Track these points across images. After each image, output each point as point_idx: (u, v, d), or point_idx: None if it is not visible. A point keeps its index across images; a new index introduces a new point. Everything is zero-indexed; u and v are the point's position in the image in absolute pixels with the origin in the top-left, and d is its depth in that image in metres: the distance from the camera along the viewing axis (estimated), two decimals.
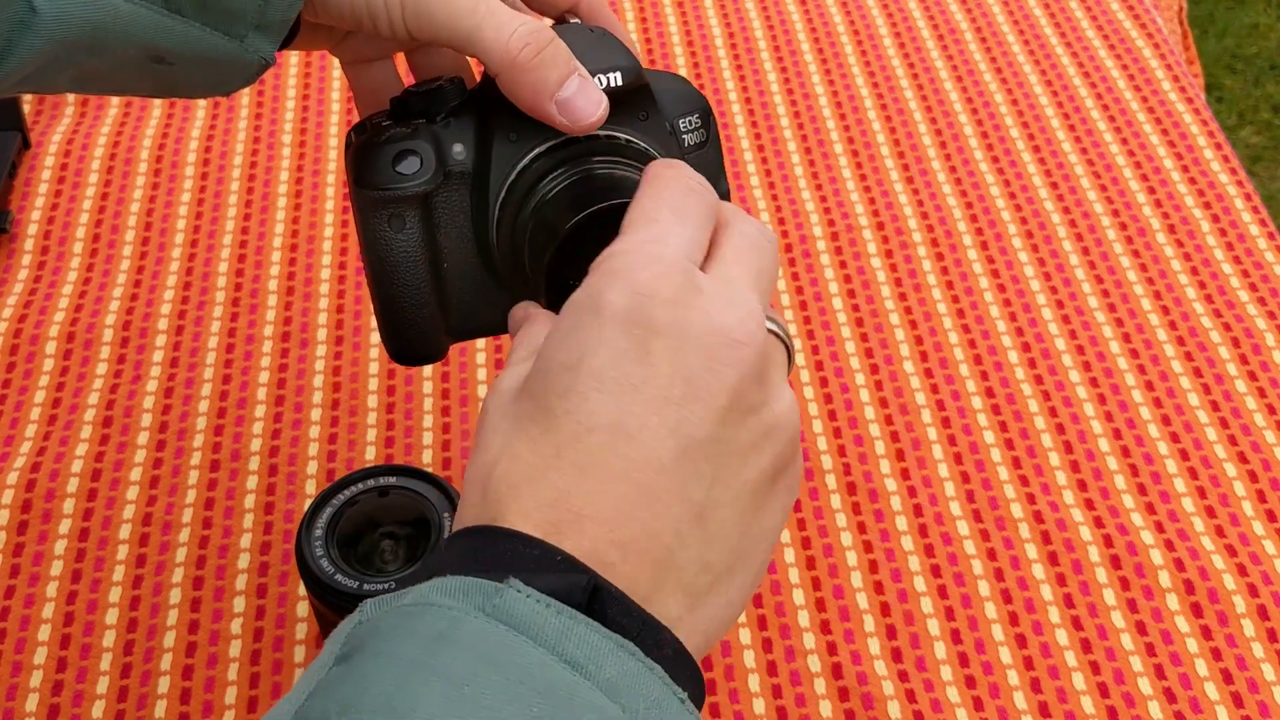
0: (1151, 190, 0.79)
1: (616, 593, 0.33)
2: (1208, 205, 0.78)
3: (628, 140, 0.44)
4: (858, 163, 0.80)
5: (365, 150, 0.44)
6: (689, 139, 0.46)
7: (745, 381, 0.35)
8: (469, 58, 0.47)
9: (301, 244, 0.75)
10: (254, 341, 0.70)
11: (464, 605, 0.31)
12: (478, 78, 0.47)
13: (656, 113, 0.45)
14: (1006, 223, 0.77)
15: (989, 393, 0.69)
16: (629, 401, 0.34)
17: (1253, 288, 0.73)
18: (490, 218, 0.44)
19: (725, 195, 0.47)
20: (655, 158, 0.44)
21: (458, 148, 0.44)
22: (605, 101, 0.42)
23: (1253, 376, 0.69)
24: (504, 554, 0.33)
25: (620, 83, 0.43)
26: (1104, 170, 0.80)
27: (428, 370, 0.69)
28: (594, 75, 0.43)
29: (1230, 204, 0.78)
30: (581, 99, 0.41)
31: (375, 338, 0.70)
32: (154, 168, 0.79)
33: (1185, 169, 0.80)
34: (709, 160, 0.47)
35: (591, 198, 0.41)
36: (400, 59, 0.50)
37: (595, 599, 0.32)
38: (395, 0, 0.41)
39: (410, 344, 0.47)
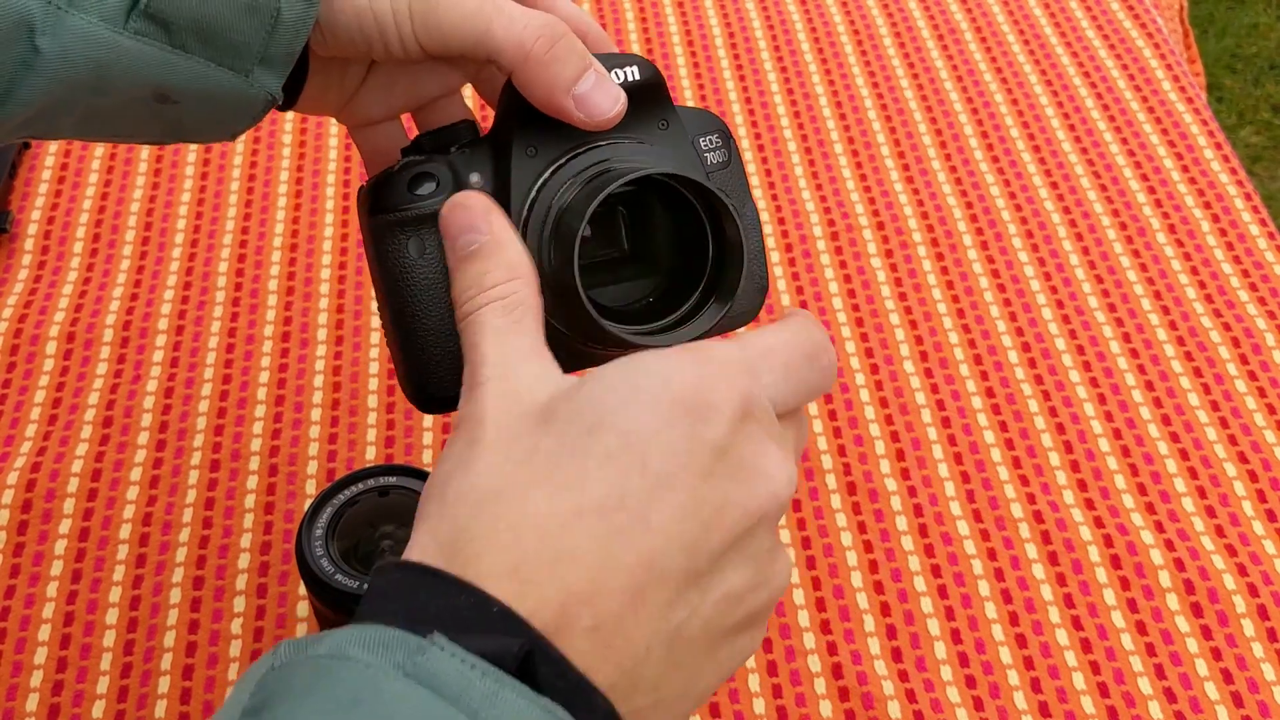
0: (1151, 190, 0.79)
1: (555, 655, 0.31)
2: (1208, 205, 0.78)
3: (649, 145, 0.43)
4: (858, 163, 0.80)
5: (379, 180, 0.43)
6: (711, 158, 0.45)
7: (763, 530, 0.34)
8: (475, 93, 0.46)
9: (301, 244, 0.75)
10: (254, 341, 0.70)
11: (383, 662, 0.29)
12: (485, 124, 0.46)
13: (677, 121, 0.44)
14: (1006, 223, 0.77)
15: (989, 393, 0.69)
16: (664, 499, 0.33)
17: (1253, 288, 0.73)
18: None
19: (754, 218, 0.46)
20: (668, 158, 0.43)
21: (475, 177, 0.43)
22: (624, 97, 0.41)
23: (1253, 376, 0.69)
24: (436, 600, 0.31)
25: (637, 77, 0.42)
26: (1104, 170, 0.80)
27: None
28: (610, 70, 0.42)
29: (1230, 204, 0.78)
30: (599, 93, 0.40)
31: (375, 338, 0.70)
32: (154, 168, 0.79)
33: (1185, 169, 0.80)
34: (732, 181, 0.45)
35: (601, 184, 0.40)
36: (407, 121, 0.50)
37: (529, 660, 0.30)
38: (404, 13, 0.40)
39: (436, 383, 0.44)
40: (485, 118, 0.72)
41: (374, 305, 0.72)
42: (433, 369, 0.43)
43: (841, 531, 0.63)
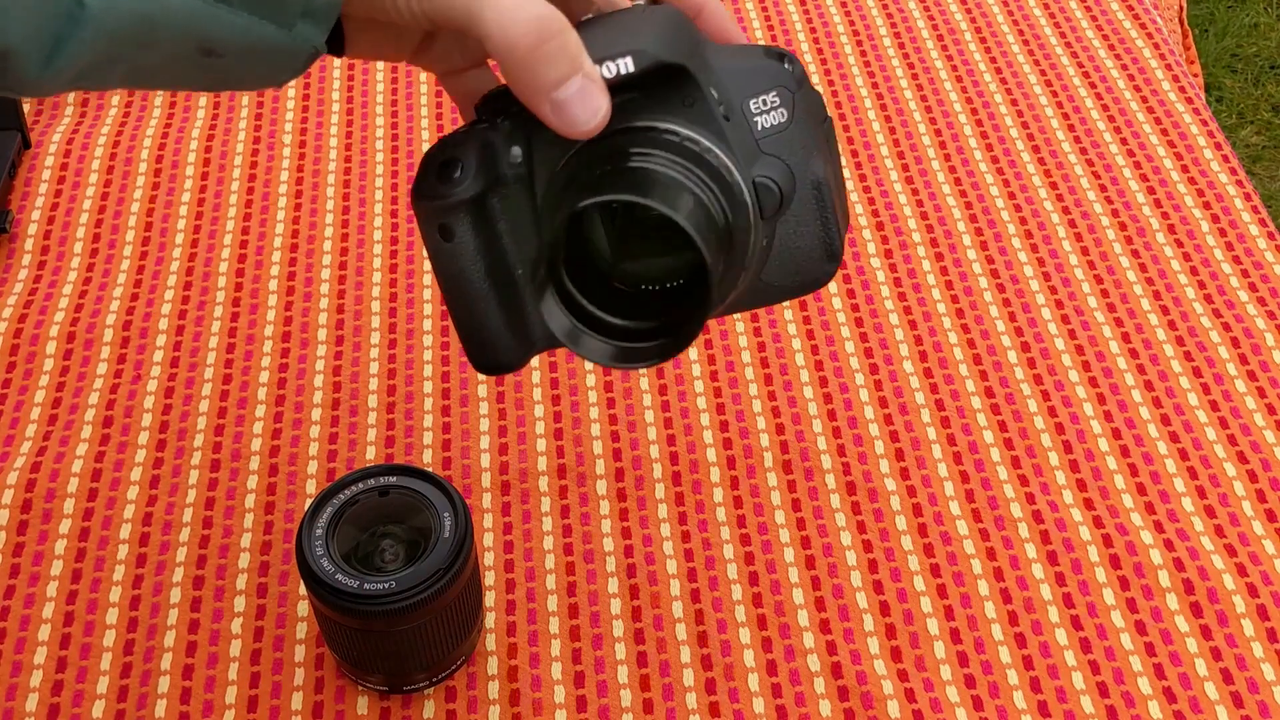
0: (1151, 190, 0.79)
1: None
2: (1207, 205, 0.78)
3: (667, 129, 0.41)
4: (858, 163, 0.80)
5: (422, 161, 0.43)
6: (764, 120, 0.42)
7: None
8: None
9: (301, 244, 0.75)
10: (254, 341, 0.71)
11: None
12: None
13: (703, 99, 0.41)
14: (1006, 223, 0.77)
15: (988, 393, 0.69)
16: None
17: (1252, 288, 0.73)
18: (539, 222, 0.43)
19: (824, 177, 0.43)
20: (698, 148, 0.41)
21: (515, 150, 0.42)
22: (605, 109, 0.39)
23: (1252, 376, 0.69)
24: None
25: (631, 69, 0.39)
26: (1104, 170, 0.80)
27: (428, 370, 0.69)
28: (602, 63, 0.39)
29: (1230, 204, 0.78)
30: (578, 103, 0.38)
31: (375, 338, 0.71)
32: (154, 168, 0.79)
33: (1185, 169, 0.80)
34: (794, 141, 0.42)
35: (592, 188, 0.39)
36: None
37: None
38: None
39: (486, 352, 0.45)
40: None
41: (376, 306, 0.72)
42: (481, 335, 0.44)
43: (841, 531, 0.63)
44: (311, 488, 0.64)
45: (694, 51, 0.41)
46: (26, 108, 0.82)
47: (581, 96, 0.38)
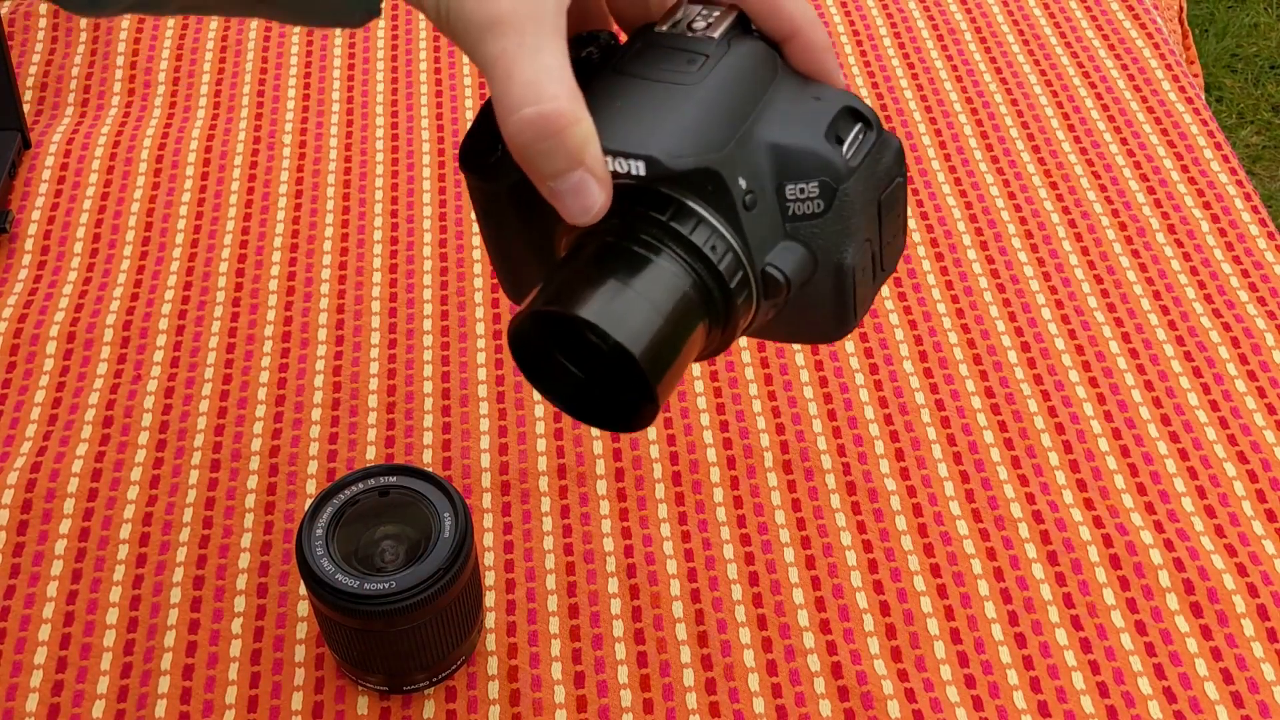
0: (1151, 190, 0.79)
1: None
2: (1208, 205, 0.78)
3: (675, 212, 0.40)
4: None
5: (472, 127, 0.43)
6: (797, 207, 0.41)
7: None
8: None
9: (301, 244, 0.75)
10: (254, 341, 0.71)
11: None
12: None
13: (725, 192, 0.39)
14: (1006, 223, 0.77)
15: (988, 393, 0.69)
16: None
17: (1252, 288, 0.73)
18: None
19: (847, 268, 0.42)
20: (686, 243, 0.40)
21: None
22: (600, 205, 0.38)
23: (1252, 376, 0.69)
24: None
25: (642, 173, 0.38)
26: (1104, 170, 0.80)
27: (428, 370, 0.69)
28: (615, 157, 0.38)
29: (1230, 204, 0.78)
30: (571, 197, 0.38)
31: (376, 338, 0.71)
32: (154, 168, 0.79)
33: (1185, 169, 0.80)
34: (827, 229, 0.41)
35: (565, 295, 0.38)
36: None
37: None
38: (444, 8, 0.38)
39: (520, 291, 0.46)
40: None
41: (376, 306, 0.72)
42: (518, 280, 0.46)
43: (841, 531, 0.63)
44: (311, 488, 0.64)
45: (731, 137, 0.40)
46: (26, 108, 0.82)
47: (576, 191, 0.38)
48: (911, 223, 0.77)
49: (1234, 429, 0.67)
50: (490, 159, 0.42)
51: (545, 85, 0.36)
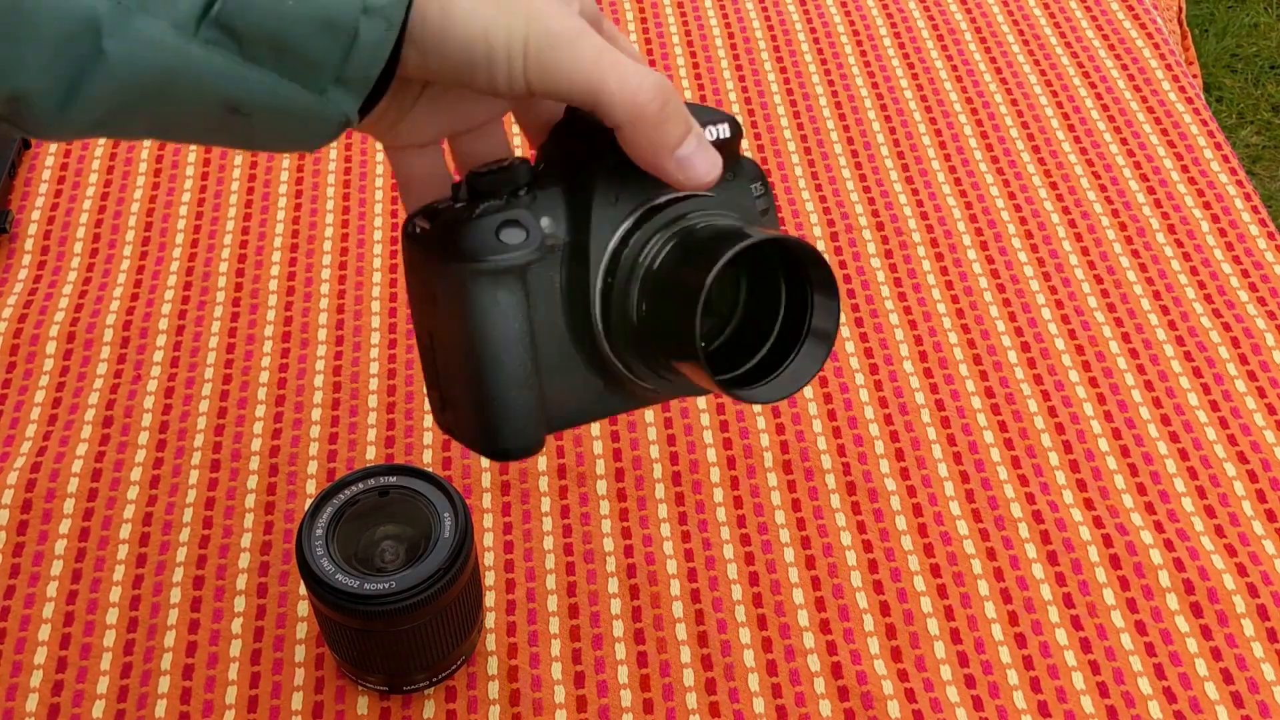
0: (1151, 190, 0.79)
1: None
2: (1208, 205, 0.78)
3: (714, 199, 0.44)
4: (857, 163, 0.80)
5: (457, 226, 0.42)
6: (762, 203, 0.46)
7: None
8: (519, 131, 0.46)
9: (301, 244, 0.75)
10: (254, 341, 0.71)
11: None
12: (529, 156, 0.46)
13: (742, 173, 0.45)
14: (1006, 223, 0.77)
15: (989, 393, 0.69)
16: None
17: (1252, 288, 0.73)
18: (592, 289, 0.43)
19: None
20: (738, 209, 0.44)
21: (546, 221, 0.42)
22: (720, 161, 0.42)
23: (1252, 376, 0.69)
24: None
25: (728, 134, 0.43)
26: (1104, 170, 0.80)
27: None
28: (706, 126, 0.42)
29: (1230, 204, 0.78)
30: (699, 157, 0.41)
31: (376, 338, 0.71)
32: (154, 168, 0.79)
33: (1185, 169, 0.80)
34: (771, 222, 0.47)
35: (710, 248, 0.41)
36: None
37: None
38: (518, 48, 0.39)
39: (513, 434, 0.43)
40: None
41: (376, 306, 0.72)
42: (512, 415, 0.43)
43: (841, 531, 0.63)
44: (311, 488, 0.64)
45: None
46: None
47: (701, 150, 0.41)
48: (911, 223, 0.77)
49: (1234, 429, 0.67)
50: (515, 238, 0.42)
51: (641, 67, 0.40)
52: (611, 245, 0.42)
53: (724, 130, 0.43)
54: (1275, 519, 0.64)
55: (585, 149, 0.42)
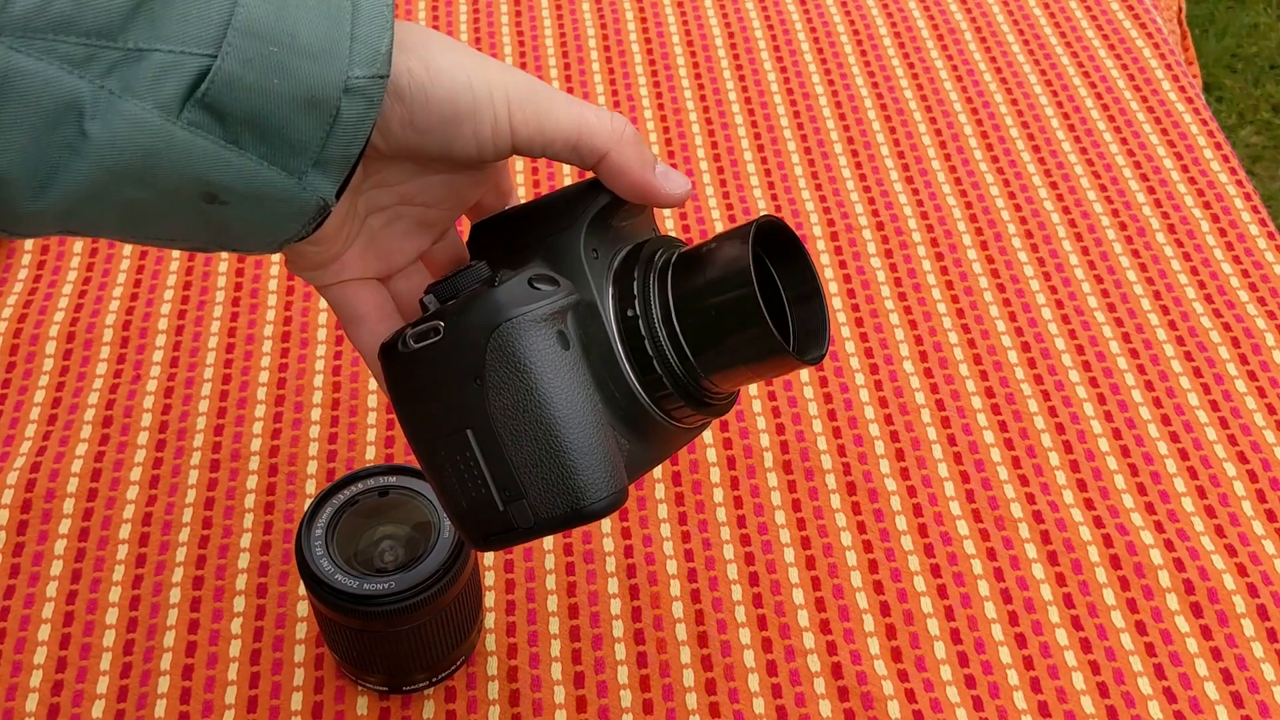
0: (1151, 190, 0.79)
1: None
2: (1208, 205, 0.78)
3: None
4: (857, 163, 0.80)
5: (488, 296, 0.41)
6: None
7: None
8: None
9: None
10: (254, 341, 0.71)
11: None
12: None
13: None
14: (1006, 223, 0.77)
15: (989, 393, 0.69)
16: None
17: (1253, 288, 0.73)
18: (613, 341, 0.42)
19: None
20: (682, 245, 0.46)
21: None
22: (688, 180, 0.46)
23: (1252, 376, 0.69)
24: None
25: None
26: (1104, 170, 0.80)
27: None
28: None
29: (1230, 204, 0.78)
30: (673, 177, 0.44)
31: None
32: None
33: (1185, 169, 0.80)
34: None
35: (728, 236, 0.43)
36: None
37: None
38: (501, 97, 0.41)
39: (609, 478, 0.41)
40: None
41: None
42: (603, 463, 0.41)
43: (841, 531, 0.63)
44: (311, 488, 0.64)
45: None
46: None
47: (669, 173, 0.45)
48: (911, 223, 0.77)
49: (1234, 429, 0.67)
50: (551, 283, 0.42)
51: (604, 110, 0.44)
52: (610, 288, 0.43)
53: None
54: (1275, 519, 0.64)
55: (520, 237, 0.44)
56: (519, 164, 0.79)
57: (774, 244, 0.44)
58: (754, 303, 0.41)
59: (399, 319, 0.47)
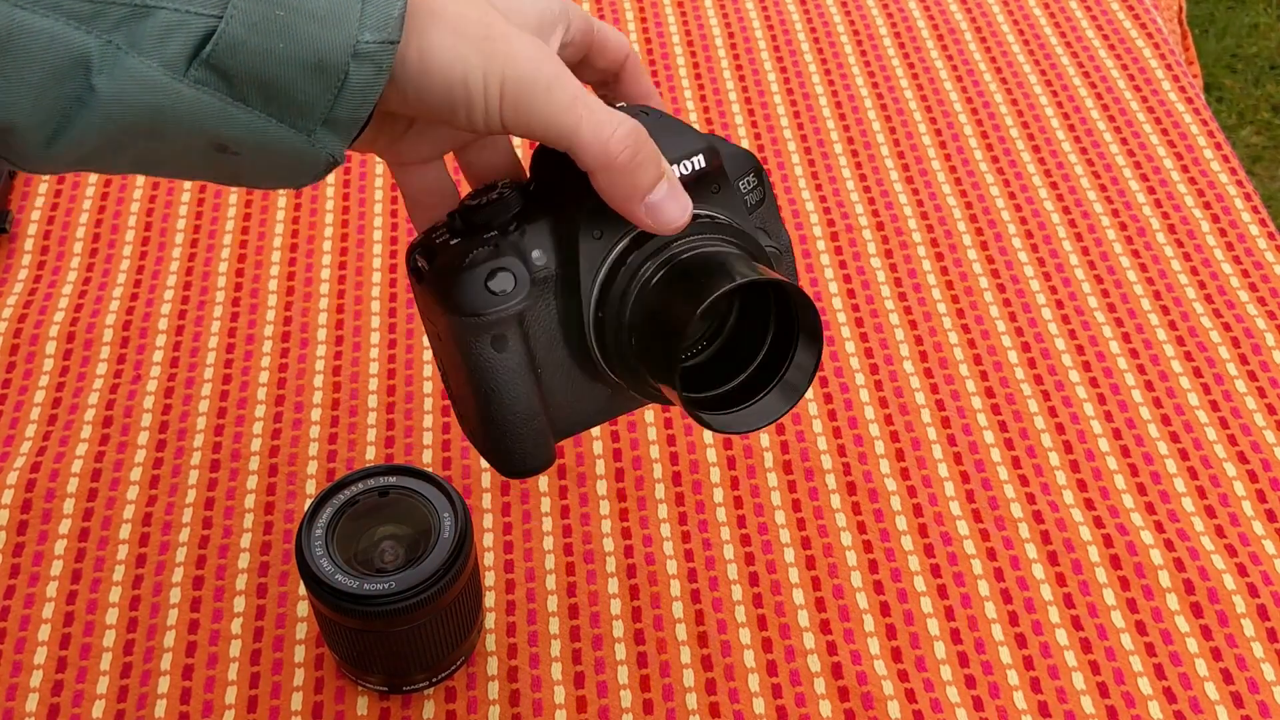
0: (1151, 190, 0.79)
1: None
2: (1208, 205, 0.78)
3: (709, 217, 0.44)
4: (857, 163, 0.80)
5: (450, 276, 0.43)
6: (749, 199, 0.46)
7: None
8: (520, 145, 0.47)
9: (301, 244, 0.75)
10: (254, 341, 0.71)
11: None
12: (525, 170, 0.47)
13: (728, 184, 0.45)
14: (1006, 223, 0.77)
15: (989, 393, 0.69)
16: None
17: (1253, 288, 0.73)
18: (586, 319, 0.44)
19: (786, 246, 0.48)
20: (726, 228, 0.44)
21: (537, 253, 0.44)
22: (690, 206, 0.42)
23: (1253, 376, 0.69)
24: None
25: (704, 164, 0.44)
26: (1104, 170, 0.80)
27: (427, 370, 0.69)
28: (677, 163, 0.43)
29: (1230, 204, 0.78)
30: (670, 203, 0.42)
31: (375, 338, 0.70)
32: None
33: (1185, 169, 0.80)
34: (767, 215, 0.47)
35: (697, 285, 0.42)
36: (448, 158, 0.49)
37: None
38: (495, 92, 0.39)
39: (524, 458, 0.46)
40: None
41: (376, 306, 0.72)
42: (519, 442, 0.45)
43: (841, 531, 0.63)
44: (311, 488, 0.64)
45: (718, 147, 0.45)
46: None
47: (673, 195, 0.42)
48: (911, 223, 0.77)
49: (1234, 429, 0.67)
50: (503, 285, 0.43)
51: (615, 113, 0.41)
52: (600, 278, 0.44)
53: (699, 162, 0.44)
54: (1275, 519, 0.64)
55: (568, 176, 0.43)
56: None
57: (804, 317, 0.44)
58: (675, 356, 0.41)
59: (452, 204, 0.47)
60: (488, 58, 0.39)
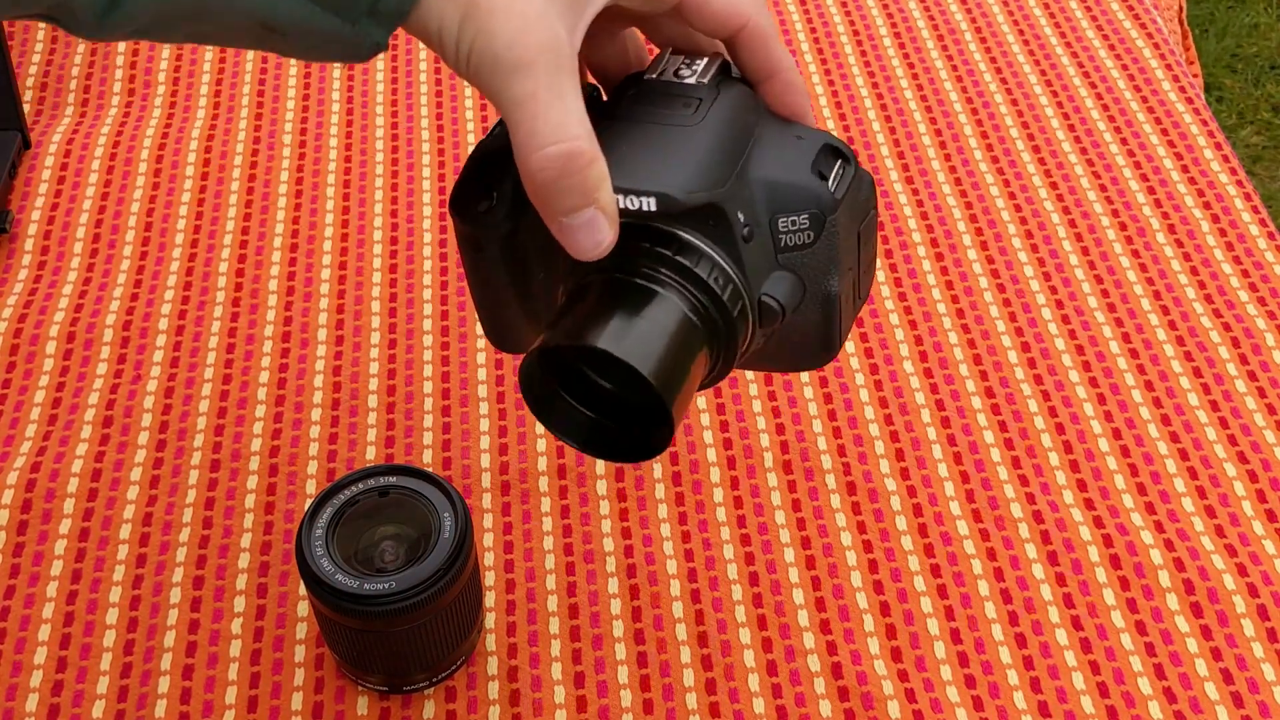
0: (1151, 190, 0.79)
1: None
2: (1208, 205, 0.78)
3: (679, 247, 0.42)
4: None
5: (466, 167, 0.44)
6: (789, 238, 0.43)
7: None
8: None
9: (301, 244, 0.75)
10: (254, 341, 0.71)
11: None
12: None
13: (726, 223, 0.42)
14: (1006, 223, 0.77)
15: (989, 393, 0.69)
16: None
17: (1253, 288, 0.73)
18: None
19: (833, 296, 0.44)
20: (705, 272, 0.42)
21: None
22: (608, 242, 0.40)
23: (1253, 376, 0.69)
24: None
25: (653, 209, 0.41)
26: (1104, 170, 0.80)
27: (428, 370, 0.69)
28: (626, 194, 0.41)
29: (1230, 204, 0.78)
30: (583, 232, 0.40)
31: (375, 338, 0.71)
32: (154, 168, 0.79)
33: (1185, 169, 0.80)
34: (815, 258, 0.44)
35: (576, 323, 0.41)
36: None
37: None
38: (464, 54, 0.39)
39: (506, 336, 0.49)
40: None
41: (376, 306, 0.72)
42: (505, 325, 0.49)
43: (841, 531, 0.63)
44: (311, 488, 0.64)
45: (731, 174, 0.42)
46: (27, 108, 0.82)
47: (588, 227, 0.40)
48: (911, 223, 0.77)
49: (1234, 429, 0.67)
50: (483, 207, 0.44)
51: (569, 125, 0.39)
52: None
53: (649, 204, 0.41)
54: (1275, 519, 0.64)
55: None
56: None
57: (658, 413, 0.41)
58: (550, 343, 0.41)
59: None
60: (464, 19, 0.39)
